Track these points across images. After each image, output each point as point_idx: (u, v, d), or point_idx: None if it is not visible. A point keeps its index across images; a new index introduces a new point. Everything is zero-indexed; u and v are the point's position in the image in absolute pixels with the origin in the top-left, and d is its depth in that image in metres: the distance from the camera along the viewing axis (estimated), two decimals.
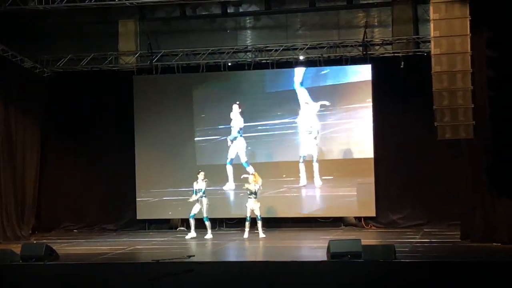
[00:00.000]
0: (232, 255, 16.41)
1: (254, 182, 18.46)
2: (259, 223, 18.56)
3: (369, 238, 17.30)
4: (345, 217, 20.59)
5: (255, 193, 18.48)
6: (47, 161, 21.66)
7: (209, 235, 18.68)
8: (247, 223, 18.57)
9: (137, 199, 21.33)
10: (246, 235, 18.50)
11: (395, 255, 13.44)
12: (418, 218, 19.95)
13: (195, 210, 18.81)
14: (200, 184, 18.71)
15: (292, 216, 20.66)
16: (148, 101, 21.35)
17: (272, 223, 20.26)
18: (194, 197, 18.77)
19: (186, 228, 20.65)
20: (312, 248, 16.55)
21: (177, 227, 21.10)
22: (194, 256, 15.01)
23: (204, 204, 18.67)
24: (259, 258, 16.23)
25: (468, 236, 16.50)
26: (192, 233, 18.89)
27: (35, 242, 18.58)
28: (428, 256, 14.76)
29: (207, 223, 18.76)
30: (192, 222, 18.92)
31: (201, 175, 18.76)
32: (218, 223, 20.94)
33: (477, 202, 16.28)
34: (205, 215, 18.71)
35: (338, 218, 20.54)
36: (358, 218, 20.43)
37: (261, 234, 18.51)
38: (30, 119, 20.88)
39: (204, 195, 18.69)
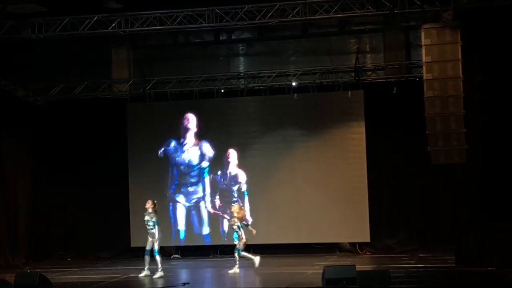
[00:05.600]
0: (227, 282, 16.31)
1: (236, 213, 17.19)
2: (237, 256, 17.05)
3: (364, 263, 17.27)
4: (339, 243, 20.56)
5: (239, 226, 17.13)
6: (40, 190, 21.59)
7: (159, 273, 16.63)
8: (236, 255, 17.11)
9: (131, 226, 21.26)
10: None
11: (390, 280, 13.39)
12: (413, 243, 19.94)
13: (148, 245, 16.87)
14: (149, 215, 16.81)
15: (287, 242, 20.61)
16: (142, 128, 21.36)
17: (267, 249, 20.17)
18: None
19: (180, 256, 20.60)
20: (307, 274, 16.49)
21: (171, 255, 21.01)
22: (188, 283, 14.98)
23: (157, 236, 16.74)
24: (255, 285, 16.15)
25: (462, 260, 16.46)
26: (146, 271, 16.83)
27: (28, 271, 18.45)
28: (423, 281, 14.73)
29: (158, 258, 16.72)
30: (147, 259, 16.84)
31: (149, 205, 16.85)
32: (213, 251, 20.90)
33: (471, 227, 16.27)
34: (156, 248, 16.75)
35: (333, 244, 20.51)
36: (353, 244, 20.39)
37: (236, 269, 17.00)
38: (23, 148, 20.86)
39: (153, 226, 16.77)
